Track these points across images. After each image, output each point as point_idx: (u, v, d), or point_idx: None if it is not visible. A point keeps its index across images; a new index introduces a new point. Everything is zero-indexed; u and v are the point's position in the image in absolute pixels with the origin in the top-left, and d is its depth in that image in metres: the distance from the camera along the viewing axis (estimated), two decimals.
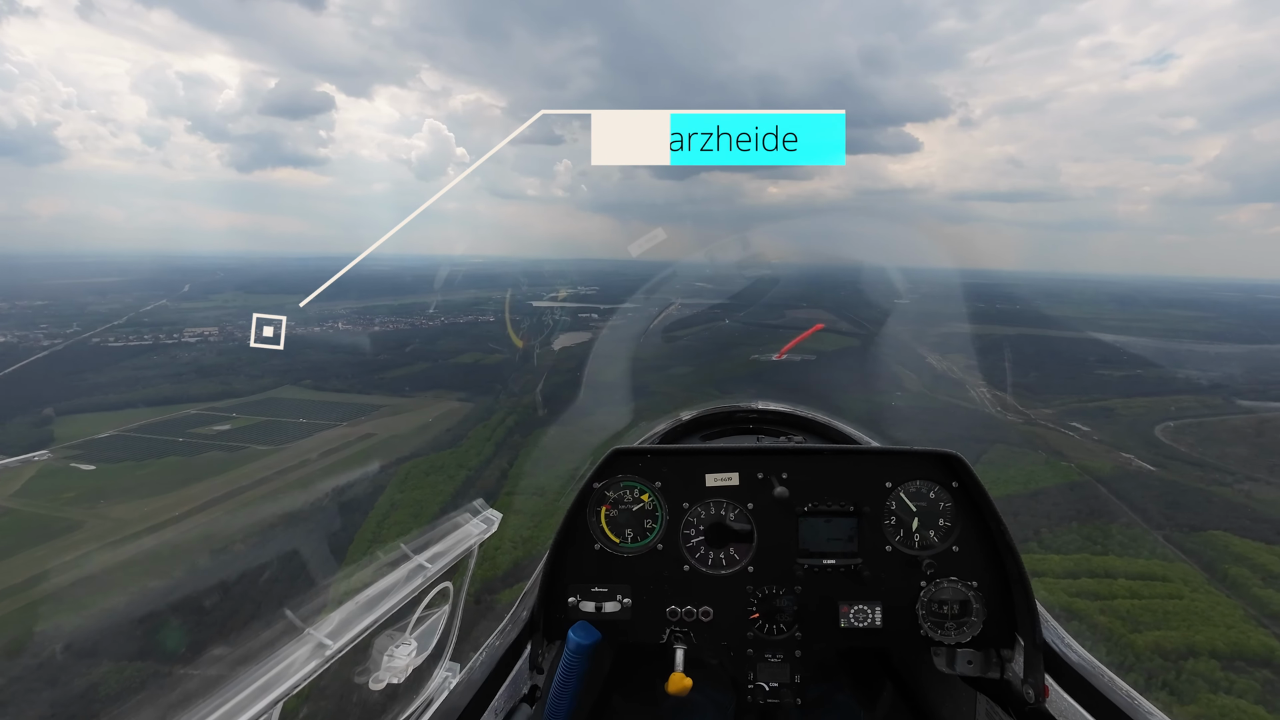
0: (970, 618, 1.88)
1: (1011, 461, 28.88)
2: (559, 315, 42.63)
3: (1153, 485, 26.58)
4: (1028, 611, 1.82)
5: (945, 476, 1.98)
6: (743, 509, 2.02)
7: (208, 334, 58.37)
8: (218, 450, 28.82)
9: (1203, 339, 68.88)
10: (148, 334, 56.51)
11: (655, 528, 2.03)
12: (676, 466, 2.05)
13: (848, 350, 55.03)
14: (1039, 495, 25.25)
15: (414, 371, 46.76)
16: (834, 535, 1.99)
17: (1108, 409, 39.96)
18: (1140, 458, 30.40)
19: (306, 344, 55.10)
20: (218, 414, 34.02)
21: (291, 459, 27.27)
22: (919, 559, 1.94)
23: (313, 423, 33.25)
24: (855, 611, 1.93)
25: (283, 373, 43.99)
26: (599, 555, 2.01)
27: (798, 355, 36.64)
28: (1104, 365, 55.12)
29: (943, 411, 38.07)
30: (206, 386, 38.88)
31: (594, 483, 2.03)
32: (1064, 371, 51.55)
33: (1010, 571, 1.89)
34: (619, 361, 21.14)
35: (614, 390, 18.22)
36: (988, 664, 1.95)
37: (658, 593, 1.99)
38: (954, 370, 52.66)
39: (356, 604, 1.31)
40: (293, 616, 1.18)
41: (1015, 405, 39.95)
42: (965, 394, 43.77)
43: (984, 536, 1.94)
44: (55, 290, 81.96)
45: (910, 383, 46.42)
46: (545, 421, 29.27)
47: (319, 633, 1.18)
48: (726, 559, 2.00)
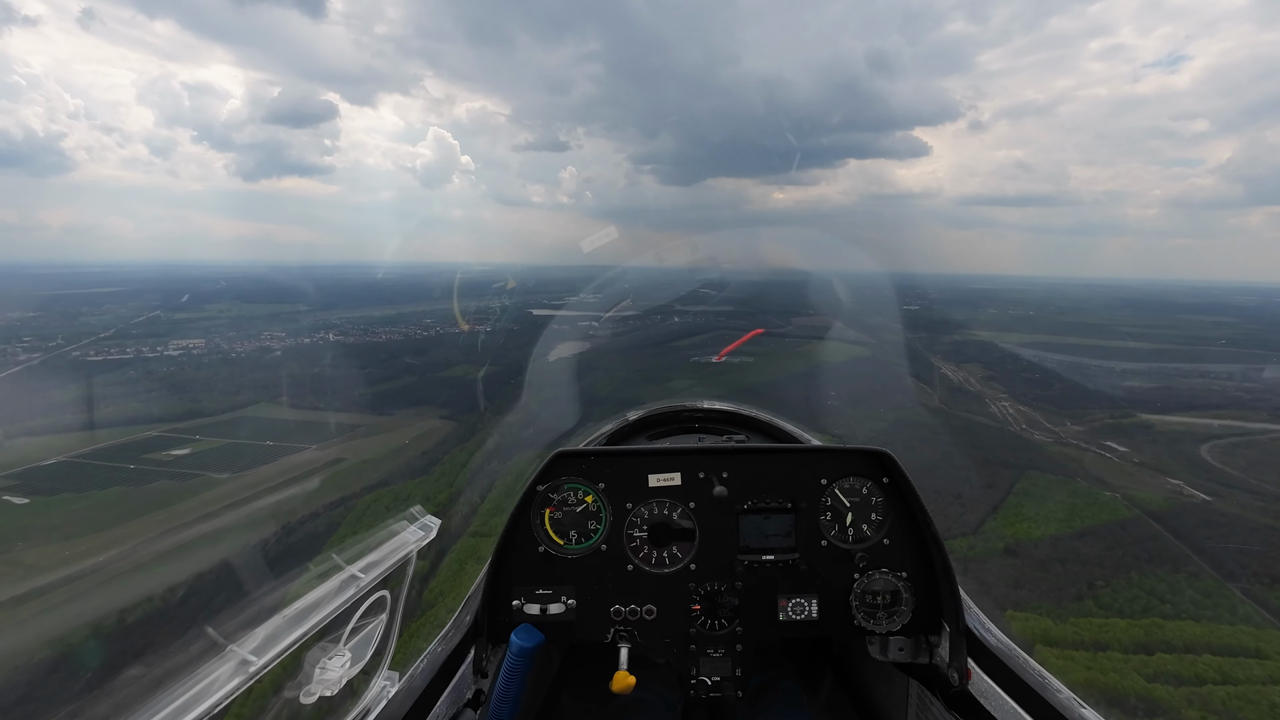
0: (900, 607, 1.96)
1: (1049, 492, 25.74)
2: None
3: (1214, 521, 23.30)
4: (952, 599, 1.89)
5: (877, 473, 2.07)
6: (685, 508, 2.06)
7: (192, 347, 56.24)
8: (168, 479, 26.35)
9: (1232, 346, 65.70)
10: (130, 347, 54.42)
11: (599, 528, 2.05)
12: (619, 467, 2.07)
13: (859, 360, 52.64)
14: (1086, 536, 22.11)
15: (399, 386, 44.28)
16: (772, 531, 2.04)
17: (1144, 425, 36.75)
18: (1190, 484, 27.20)
19: (292, 356, 53.00)
20: (179, 436, 31.62)
21: (244, 489, 24.79)
22: (852, 552, 2.03)
23: (279, 445, 30.77)
24: (793, 604, 2.00)
25: (260, 388, 41.65)
26: (543, 557, 2.03)
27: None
28: (1131, 375, 52.11)
29: (963, 430, 35.09)
30: (175, 405, 36.52)
31: (538, 485, 2.04)
32: (1089, 383, 48.34)
33: (936, 562, 1.98)
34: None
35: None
36: (918, 650, 2.03)
37: (602, 593, 2.01)
38: (971, 381, 49.89)
39: (284, 618, 1.25)
40: (214, 633, 1.13)
41: (1042, 422, 36.94)
42: (985, 409, 40.92)
43: (912, 530, 2.03)
44: (48, 301, 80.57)
45: (925, 396, 43.56)
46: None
47: (242, 649, 1.13)
48: (669, 557, 2.04)
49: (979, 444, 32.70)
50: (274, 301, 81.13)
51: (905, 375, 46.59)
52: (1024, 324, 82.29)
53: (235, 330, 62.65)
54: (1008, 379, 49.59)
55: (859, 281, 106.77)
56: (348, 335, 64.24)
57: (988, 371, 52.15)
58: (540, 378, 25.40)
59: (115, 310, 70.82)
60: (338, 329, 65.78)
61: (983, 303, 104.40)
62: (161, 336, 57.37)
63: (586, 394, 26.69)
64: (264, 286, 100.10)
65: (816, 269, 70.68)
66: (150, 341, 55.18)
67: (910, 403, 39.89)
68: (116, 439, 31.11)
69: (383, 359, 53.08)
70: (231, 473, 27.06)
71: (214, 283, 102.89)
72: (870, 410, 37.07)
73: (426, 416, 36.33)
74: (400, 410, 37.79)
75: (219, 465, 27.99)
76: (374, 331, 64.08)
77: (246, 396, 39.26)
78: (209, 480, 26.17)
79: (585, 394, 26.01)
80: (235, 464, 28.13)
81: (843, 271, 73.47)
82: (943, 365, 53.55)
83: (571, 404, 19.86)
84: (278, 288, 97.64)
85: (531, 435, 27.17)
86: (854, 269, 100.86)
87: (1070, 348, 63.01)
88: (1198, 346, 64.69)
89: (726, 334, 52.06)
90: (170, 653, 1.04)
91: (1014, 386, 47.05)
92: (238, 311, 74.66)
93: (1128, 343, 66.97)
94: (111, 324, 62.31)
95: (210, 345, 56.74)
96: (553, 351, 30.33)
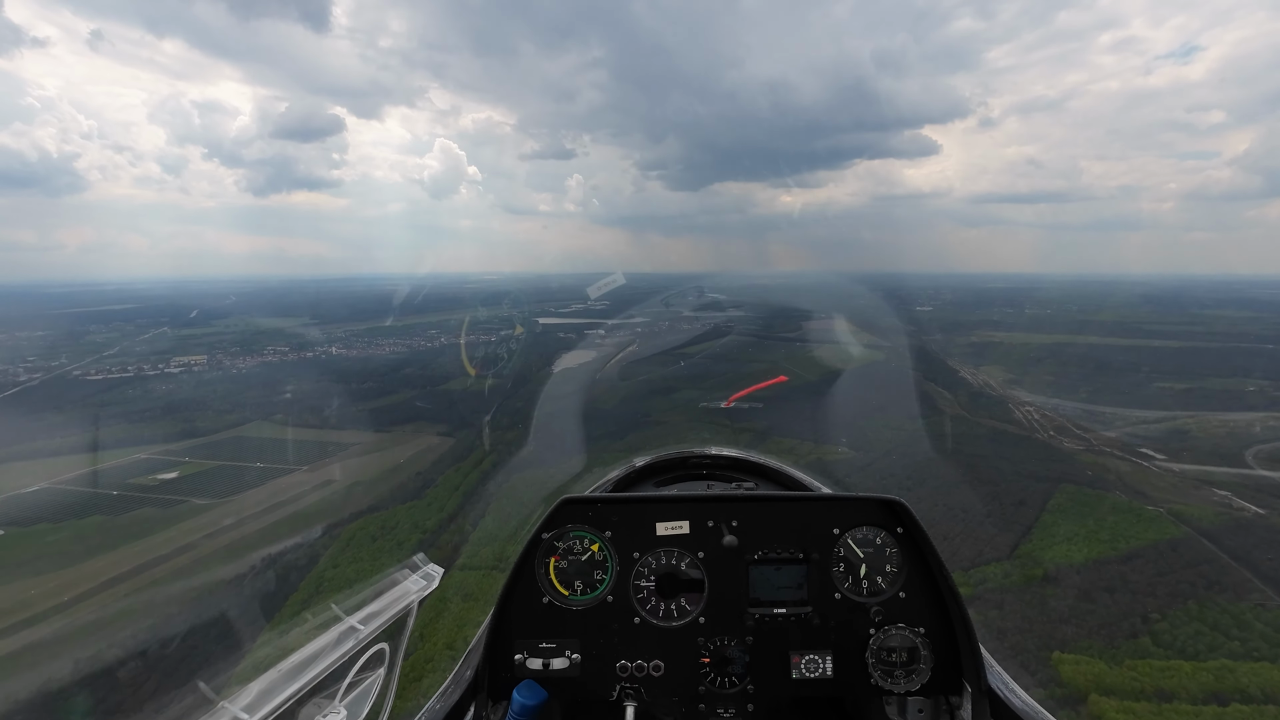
0: (919, 665, 1.88)
1: (1086, 508, 23.69)
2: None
3: (1274, 539, 21.17)
4: (972, 657, 1.84)
5: (890, 522, 2.00)
6: (694, 557, 2.00)
7: (194, 364, 55.68)
8: (151, 506, 25.23)
9: (1262, 343, 62.90)
10: (131, 365, 53.94)
11: (605, 579, 1.99)
12: (626, 515, 2.03)
13: (873, 364, 50.88)
14: (1134, 560, 20.03)
15: (399, 400, 43.14)
16: (784, 583, 1.98)
17: (1181, 430, 34.55)
18: (1239, 495, 25.08)
19: (294, 371, 52.20)
20: (169, 459, 30.61)
21: (228, 516, 23.60)
22: (867, 606, 1.95)
23: (271, 467, 29.64)
24: (807, 661, 1.93)
25: (256, 406, 40.72)
26: (547, 609, 1.97)
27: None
28: (1160, 375, 49.78)
29: (988, 439, 33.13)
30: (167, 425, 35.60)
31: (543, 533, 2.00)
32: (1117, 385, 46.09)
33: (955, 617, 1.91)
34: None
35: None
36: (937, 712, 1.95)
37: (608, 647, 1.95)
38: (992, 385, 47.87)
39: (279, 672, 1.21)
40: (205, 689, 1.10)
41: (1071, 428, 34.89)
42: (1009, 414, 38.91)
43: (928, 582, 1.96)
44: (56, 320, 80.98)
45: (944, 402, 41.63)
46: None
47: (234, 705, 1.10)
48: (678, 610, 1.98)
49: (1005, 454, 30.74)
50: (281, 316, 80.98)
51: (922, 380, 44.80)
52: (1042, 323, 79.86)
53: (239, 346, 62.22)
54: (1030, 382, 47.56)
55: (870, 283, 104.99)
56: (351, 348, 63.58)
57: (1009, 374, 50.11)
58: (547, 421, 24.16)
59: (123, 328, 70.76)
60: (341, 342, 65.16)
61: (998, 302, 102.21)
62: (165, 354, 56.88)
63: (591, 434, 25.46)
64: (272, 301, 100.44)
65: (826, 271, 69.39)
66: (153, 359, 54.65)
67: (929, 410, 38.02)
68: (104, 462, 30.15)
69: (384, 372, 52.16)
70: (217, 498, 25.91)
71: (224, 298, 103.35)
72: (887, 419, 35.30)
73: (424, 433, 35.10)
74: (398, 427, 36.60)
75: (205, 490, 26.87)
76: (378, 344, 63.37)
77: (242, 415, 38.31)
78: (192, 507, 25.03)
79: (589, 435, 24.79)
80: (222, 488, 27.00)
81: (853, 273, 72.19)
82: (961, 368, 51.62)
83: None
84: (286, 302, 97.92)
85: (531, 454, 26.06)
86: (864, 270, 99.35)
87: (1093, 347, 60.78)
88: (1228, 344, 62.11)
89: (735, 361, 50.35)
90: (160, 708, 0.97)
91: (1037, 389, 45.01)
92: (244, 327, 74.31)
93: (1153, 341, 64.47)
94: (117, 341, 62.08)
95: (212, 362, 56.15)
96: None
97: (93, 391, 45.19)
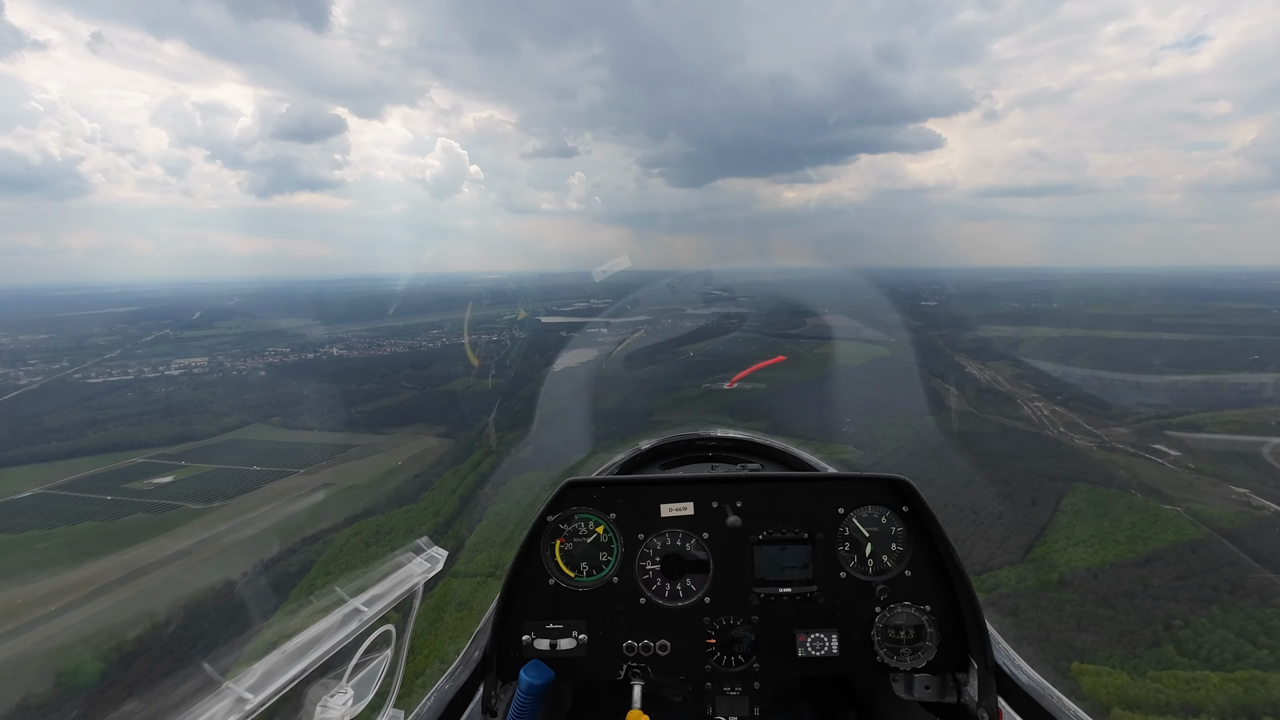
0: (924, 642, 1.88)
1: (1101, 508, 22.96)
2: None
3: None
4: (979, 634, 1.84)
5: (896, 501, 2.01)
6: (698, 538, 2.01)
7: (194, 366, 55.46)
8: (145, 511, 24.86)
9: (1274, 335, 61.85)
10: (132, 367, 53.76)
11: (611, 560, 2.00)
12: (631, 497, 2.03)
13: (879, 360, 50.22)
14: (1153, 562, 19.32)
15: (399, 401, 42.72)
16: (789, 563, 1.98)
17: (1194, 425, 33.69)
18: (1257, 493, 24.31)
19: (294, 373, 51.91)
20: (165, 462, 30.25)
21: (222, 521, 23.19)
22: (873, 584, 1.94)
23: (267, 470, 29.23)
24: (812, 640, 1.93)
25: (255, 408, 40.36)
26: (553, 590, 1.98)
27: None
28: (1171, 369, 48.90)
29: (997, 436, 32.42)
30: (164, 429, 35.27)
31: (548, 515, 2.01)
32: (1126, 380, 45.26)
33: (960, 594, 1.90)
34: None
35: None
36: (944, 688, 1.95)
37: (614, 627, 1.96)
38: (1000, 381, 47.11)
39: (283, 653, 1.20)
40: (210, 669, 1.09)
41: (1082, 424, 34.12)
42: (1018, 410, 38.18)
43: (934, 560, 1.95)
44: (60, 323, 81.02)
45: (952, 398, 40.92)
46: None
47: (239, 686, 1.09)
48: (683, 590, 1.98)
49: (1016, 452, 30.04)
50: (283, 316, 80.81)
51: (929, 376, 44.12)
52: (1049, 317, 78.90)
53: (240, 347, 62.03)
54: (1039, 377, 46.74)
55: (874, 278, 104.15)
56: (352, 349, 63.24)
57: (1016, 369, 49.28)
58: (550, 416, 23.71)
59: (125, 330, 70.67)
60: (343, 343, 64.84)
61: (1003, 296, 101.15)
62: (166, 356, 56.71)
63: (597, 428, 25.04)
64: (276, 302, 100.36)
65: (830, 267, 68.86)
66: (154, 361, 54.48)
67: (937, 407, 37.33)
68: (99, 466, 29.83)
69: (384, 373, 51.80)
70: (211, 503, 25.52)
71: (227, 299, 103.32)
72: (893, 417, 34.64)
73: (422, 434, 34.65)
74: (396, 428, 36.15)
75: (200, 494, 26.48)
76: (379, 344, 63.00)
77: (240, 417, 37.97)
78: (186, 512, 24.62)
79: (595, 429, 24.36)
80: (217, 492, 26.61)
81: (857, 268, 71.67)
82: (967, 364, 50.85)
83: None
84: (289, 303, 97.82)
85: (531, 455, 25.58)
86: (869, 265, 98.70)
87: (1102, 341, 59.98)
88: (1239, 336, 61.12)
89: (740, 358, 49.81)
90: (164, 689, 0.99)
91: (1046, 385, 44.20)
92: (246, 328, 74.13)
93: (1163, 334, 63.55)
94: (119, 344, 61.93)
95: (213, 364, 55.88)
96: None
97: (93, 394, 44.92)
